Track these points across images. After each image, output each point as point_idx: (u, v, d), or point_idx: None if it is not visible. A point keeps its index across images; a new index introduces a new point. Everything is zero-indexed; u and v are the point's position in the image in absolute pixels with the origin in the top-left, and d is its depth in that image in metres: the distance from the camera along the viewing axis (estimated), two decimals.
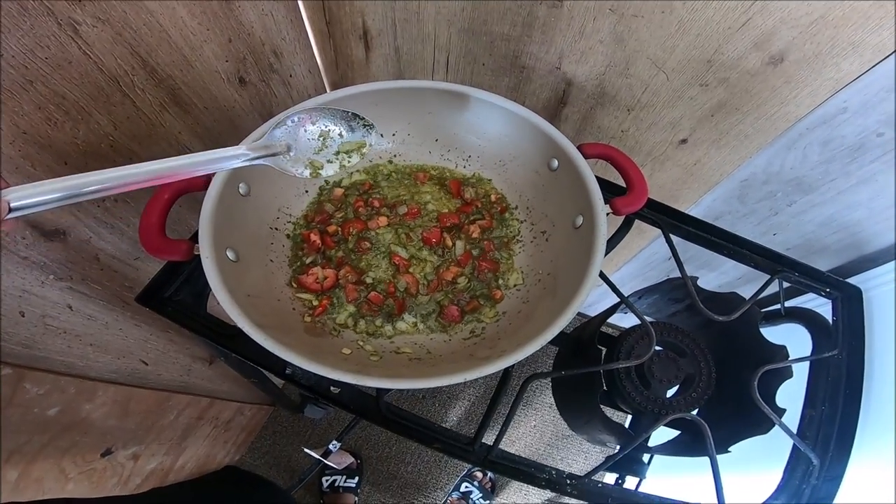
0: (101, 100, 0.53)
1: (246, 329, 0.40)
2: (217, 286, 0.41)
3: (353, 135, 0.49)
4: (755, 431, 0.66)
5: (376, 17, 0.74)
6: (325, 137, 0.48)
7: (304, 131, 0.47)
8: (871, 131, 0.65)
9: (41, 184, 0.33)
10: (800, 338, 0.78)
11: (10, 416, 0.57)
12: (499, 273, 0.56)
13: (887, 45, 0.55)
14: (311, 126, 0.47)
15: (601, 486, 0.60)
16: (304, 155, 0.47)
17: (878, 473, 0.69)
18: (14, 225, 0.33)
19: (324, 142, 0.48)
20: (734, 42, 0.60)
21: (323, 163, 0.48)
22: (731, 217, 0.91)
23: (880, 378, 0.76)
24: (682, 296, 0.78)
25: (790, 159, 0.74)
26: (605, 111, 0.76)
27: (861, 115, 0.64)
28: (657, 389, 0.69)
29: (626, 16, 0.62)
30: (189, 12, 0.58)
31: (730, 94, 0.67)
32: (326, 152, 0.48)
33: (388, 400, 0.54)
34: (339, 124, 0.49)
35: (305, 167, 0.47)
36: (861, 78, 0.59)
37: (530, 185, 0.60)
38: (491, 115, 0.59)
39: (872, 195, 0.75)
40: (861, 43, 0.56)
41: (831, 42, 0.57)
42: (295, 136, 0.46)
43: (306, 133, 0.47)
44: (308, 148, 0.47)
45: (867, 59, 0.57)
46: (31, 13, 0.43)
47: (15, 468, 0.60)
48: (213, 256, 0.43)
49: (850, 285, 0.74)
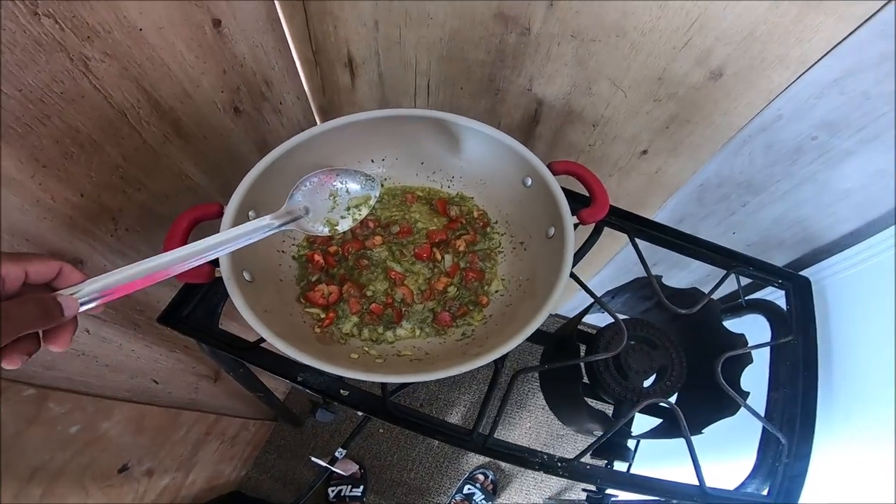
0: (111, 132, 0.55)
1: (270, 339, 0.45)
2: (240, 303, 0.46)
3: (360, 189, 0.57)
4: (725, 414, 0.70)
5: (360, 46, 0.79)
6: (335, 196, 0.55)
7: (315, 193, 0.54)
8: (805, 135, 0.72)
9: (105, 277, 0.36)
10: (762, 327, 0.83)
11: (34, 434, 0.59)
12: (484, 281, 0.62)
13: (809, 57, 0.61)
14: (322, 188, 0.55)
15: (589, 467, 0.63)
16: (321, 214, 0.54)
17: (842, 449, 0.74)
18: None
19: (335, 200, 0.56)
20: (679, 60, 0.66)
21: (337, 219, 0.56)
22: (694, 219, 0.97)
23: (839, 359, 0.82)
24: (650, 293, 0.84)
25: (738, 164, 0.80)
26: (574, 127, 0.82)
27: (795, 121, 0.70)
28: (634, 380, 0.74)
29: (585, 40, 0.67)
30: (187, 46, 0.61)
31: (680, 108, 0.73)
32: (338, 209, 0.56)
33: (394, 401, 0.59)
34: (346, 182, 0.56)
35: (324, 225, 0.54)
36: (790, 87, 0.65)
37: (508, 201, 0.65)
38: (470, 138, 0.64)
39: (815, 193, 0.82)
40: (786, 56, 0.61)
41: (761, 56, 0.62)
42: (311, 198, 0.53)
43: (318, 195, 0.54)
44: (323, 208, 0.54)
45: (793, 71, 0.63)
46: (45, 48, 0.44)
47: (39, 486, 0.62)
48: (234, 277, 0.47)
49: (799, 276, 0.80)
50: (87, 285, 0.35)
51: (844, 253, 0.89)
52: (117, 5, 0.50)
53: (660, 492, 0.64)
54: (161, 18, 0.56)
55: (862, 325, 0.82)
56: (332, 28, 0.76)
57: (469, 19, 0.70)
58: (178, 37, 0.59)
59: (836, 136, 0.71)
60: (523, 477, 1.43)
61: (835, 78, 0.63)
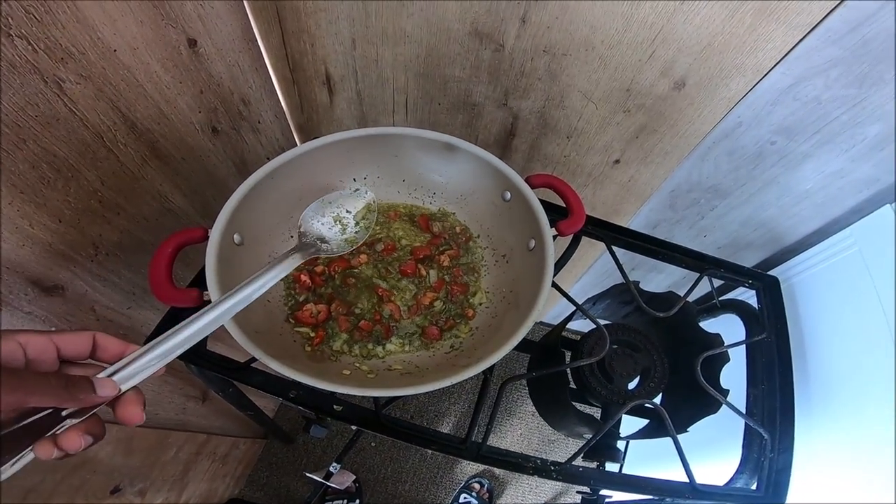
0: (88, 156, 0.55)
1: (264, 360, 0.45)
2: (230, 325, 0.46)
3: (357, 202, 0.61)
4: (708, 412, 0.72)
5: (338, 65, 0.80)
6: (339, 220, 0.59)
7: (321, 224, 0.58)
8: (765, 140, 0.76)
9: (137, 356, 0.35)
10: (737, 326, 0.85)
11: None
12: (469, 294, 0.63)
13: (764, 65, 0.64)
14: (323, 218, 0.58)
15: (582, 469, 0.65)
16: (336, 238, 0.59)
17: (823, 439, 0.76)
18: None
19: (341, 223, 0.59)
20: (645, 72, 0.69)
21: (353, 236, 0.60)
22: (667, 224, 1.01)
23: (813, 353, 0.85)
24: (630, 298, 0.86)
25: (705, 169, 0.84)
26: (549, 140, 0.85)
27: (754, 127, 0.74)
28: (619, 383, 0.76)
29: (557, 55, 0.70)
30: (163, 67, 0.60)
31: (648, 118, 0.76)
32: (349, 228, 0.60)
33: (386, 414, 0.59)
34: (342, 205, 0.60)
35: (345, 246, 0.58)
36: (748, 95, 0.69)
37: (489, 215, 0.67)
38: (450, 155, 0.65)
39: (778, 195, 0.86)
40: (742, 65, 0.65)
41: (719, 66, 0.66)
42: (321, 231, 0.58)
43: (324, 225, 0.58)
44: (335, 233, 0.59)
45: (750, 79, 0.66)
46: (19, 70, 0.43)
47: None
48: None
49: (767, 276, 0.84)
50: (126, 365, 0.34)
51: (809, 251, 0.93)
52: (91, 26, 0.50)
53: (651, 490, 0.66)
54: (135, 39, 0.55)
55: (830, 320, 0.85)
56: (308, 47, 0.77)
57: (445, 36, 0.71)
58: (154, 57, 0.59)
59: (793, 140, 0.74)
60: (518, 484, 1.44)
61: (788, 84, 0.67)
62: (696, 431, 0.75)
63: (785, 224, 0.94)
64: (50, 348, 0.32)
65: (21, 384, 0.28)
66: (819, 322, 0.87)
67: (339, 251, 0.56)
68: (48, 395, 0.29)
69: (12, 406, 0.28)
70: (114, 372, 0.34)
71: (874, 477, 0.69)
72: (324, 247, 0.55)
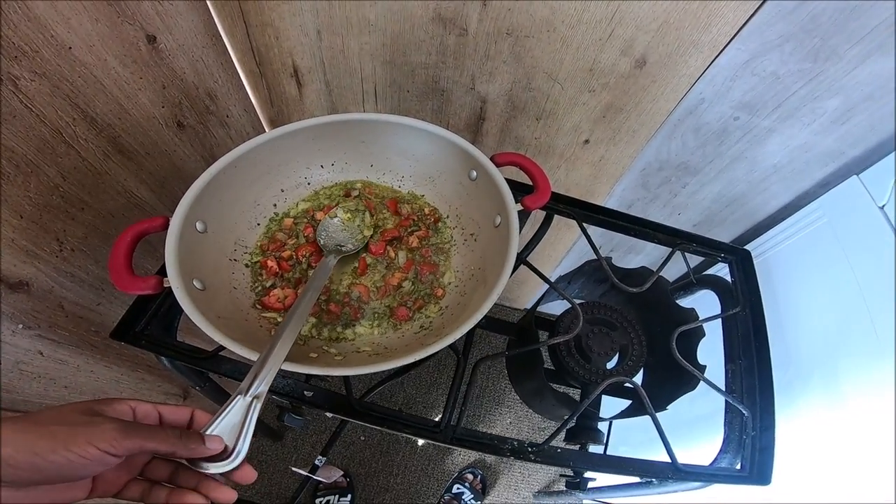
0: (48, 152, 0.55)
1: (225, 343, 0.45)
2: (190, 310, 0.46)
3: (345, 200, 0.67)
4: (686, 389, 0.73)
5: (304, 56, 0.80)
6: (342, 226, 0.64)
7: (328, 233, 0.63)
8: (728, 116, 0.77)
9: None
10: (714, 303, 0.85)
11: None
12: (438, 274, 0.64)
13: (719, 41, 0.65)
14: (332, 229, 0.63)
15: (561, 451, 0.63)
16: (353, 236, 0.63)
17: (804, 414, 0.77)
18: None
19: (345, 226, 0.64)
20: (606, 51, 0.70)
21: (362, 224, 0.65)
22: (642, 203, 1.02)
23: (790, 326, 0.86)
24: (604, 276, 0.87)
25: (673, 147, 0.85)
26: (518, 122, 0.86)
27: (717, 103, 0.75)
28: (597, 362, 0.77)
29: (520, 37, 0.70)
30: (120, 63, 0.60)
31: (613, 97, 0.77)
32: (356, 227, 0.64)
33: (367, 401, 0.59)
34: (336, 215, 0.64)
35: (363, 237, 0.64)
36: (707, 71, 0.70)
37: (457, 195, 0.67)
38: (415, 137, 0.65)
39: (747, 170, 0.88)
40: (699, 42, 0.66)
41: (677, 43, 0.67)
42: (335, 238, 0.63)
43: (333, 234, 0.63)
44: (348, 235, 0.63)
45: (707, 55, 0.67)
46: None
47: None
48: (182, 286, 0.47)
49: (740, 249, 0.84)
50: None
51: (781, 225, 0.94)
52: (43, 25, 0.50)
53: (633, 470, 0.65)
54: (90, 36, 0.56)
55: (805, 291, 0.87)
56: (273, 40, 0.77)
57: (409, 23, 0.72)
58: (110, 53, 0.59)
59: (756, 115, 0.76)
60: (511, 473, 1.44)
61: (745, 60, 0.68)
62: (683, 413, 0.74)
63: (756, 199, 0.95)
64: (154, 414, 0.37)
65: (139, 432, 0.32)
66: (795, 294, 0.89)
67: (358, 246, 0.63)
68: (166, 442, 0.33)
69: (135, 449, 0.32)
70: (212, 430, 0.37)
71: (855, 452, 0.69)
72: (347, 249, 0.62)
